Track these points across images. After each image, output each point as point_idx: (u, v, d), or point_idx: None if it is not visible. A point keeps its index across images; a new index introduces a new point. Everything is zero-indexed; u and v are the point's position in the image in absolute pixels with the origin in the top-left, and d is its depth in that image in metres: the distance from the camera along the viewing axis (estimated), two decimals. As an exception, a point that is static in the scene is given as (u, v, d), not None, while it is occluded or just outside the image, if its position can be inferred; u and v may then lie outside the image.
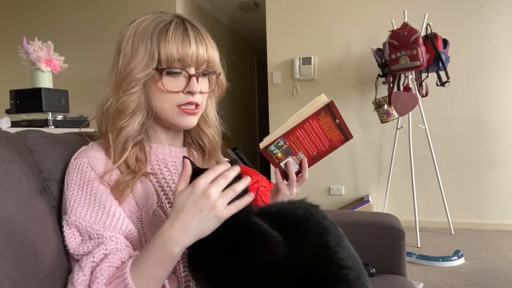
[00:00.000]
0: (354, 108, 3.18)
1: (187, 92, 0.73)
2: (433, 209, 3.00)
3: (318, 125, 0.82)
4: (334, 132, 0.84)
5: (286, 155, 0.83)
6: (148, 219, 0.71)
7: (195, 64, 0.73)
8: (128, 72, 0.71)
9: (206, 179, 0.60)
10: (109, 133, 0.73)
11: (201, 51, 0.72)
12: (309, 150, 0.85)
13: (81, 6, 3.84)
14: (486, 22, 2.88)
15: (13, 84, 2.24)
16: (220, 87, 0.85)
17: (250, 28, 5.11)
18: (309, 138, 0.83)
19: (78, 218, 0.66)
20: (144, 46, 0.70)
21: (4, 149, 0.65)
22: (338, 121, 0.83)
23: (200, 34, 0.74)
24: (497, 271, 2.11)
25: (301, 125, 0.81)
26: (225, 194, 0.60)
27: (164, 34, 0.70)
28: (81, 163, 0.71)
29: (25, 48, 1.95)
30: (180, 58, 0.71)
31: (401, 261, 1.19)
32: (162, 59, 0.70)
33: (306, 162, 0.85)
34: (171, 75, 0.72)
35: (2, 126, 1.91)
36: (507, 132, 2.88)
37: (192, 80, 0.73)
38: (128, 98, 0.71)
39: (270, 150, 0.82)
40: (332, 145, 0.86)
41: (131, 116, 0.73)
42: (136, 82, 0.71)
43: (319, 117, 0.81)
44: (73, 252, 0.65)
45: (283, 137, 0.81)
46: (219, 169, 0.62)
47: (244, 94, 5.22)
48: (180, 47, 0.70)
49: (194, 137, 0.87)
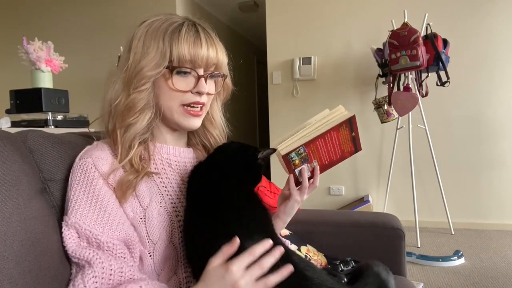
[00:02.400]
0: (354, 108, 3.17)
1: (195, 92, 0.74)
2: (433, 209, 3.00)
3: (337, 137, 0.84)
4: (348, 144, 0.87)
5: (302, 162, 0.84)
6: (151, 219, 0.71)
7: (205, 66, 0.74)
8: (139, 70, 0.71)
9: (240, 265, 0.59)
10: (117, 129, 0.73)
11: (211, 54, 0.74)
12: (323, 159, 0.86)
13: (81, 6, 3.84)
14: (486, 22, 2.88)
15: (13, 84, 2.24)
16: (226, 90, 0.86)
17: (250, 28, 5.11)
18: (326, 148, 0.85)
19: (78, 220, 0.66)
20: (156, 45, 0.71)
21: (4, 149, 0.65)
22: (354, 134, 0.85)
23: (210, 37, 0.75)
24: (497, 271, 2.11)
25: (322, 136, 0.82)
26: (252, 276, 0.59)
27: (177, 34, 0.71)
28: (85, 164, 0.71)
29: (25, 48, 1.95)
30: (191, 59, 0.72)
31: (401, 261, 1.19)
32: (174, 58, 0.71)
33: (319, 170, 0.86)
34: (181, 74, 0.73)
35: (2, 126, 1.91)
36: (507, 132, 2.88)
37: (201, 81, 0.74)
38: (138, 96, 0.72)
39: (290, 157, 0.82)
40: (342, 156, 0.88)
41: (140, 114, 0.73)
42: (147, 79, 0.72)
43: (340, 129, 0.83)
44: (71, 254, 0.65)
45: (305, 145, 0.82)
46: (256, 252, 0.61)
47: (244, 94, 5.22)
48: (192, 48, 0.71)
49: (200, 138, 0.88)
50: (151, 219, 0.71)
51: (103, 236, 0.65)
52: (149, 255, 0.71)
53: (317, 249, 1.26)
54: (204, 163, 0.79)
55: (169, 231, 0.72)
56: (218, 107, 0.87)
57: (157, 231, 0.71)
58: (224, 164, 0.77)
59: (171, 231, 0.72)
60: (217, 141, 0.87)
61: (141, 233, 0.70)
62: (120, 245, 0.66)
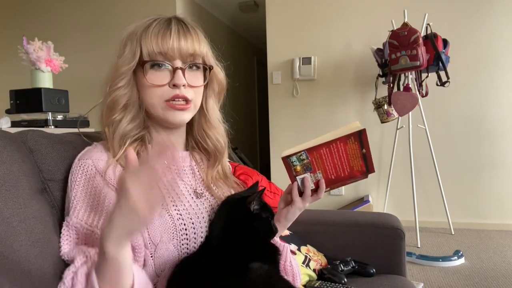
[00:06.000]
0: (354, 108, 3.18)
1: (172, 86, 0.73)
2: (433, 209, 3.00)
3: (344, 149, 0.81)
4: (357, 161, 0.82)
5: (304, 170, 0.82)
6: (153, 221, 0.71)
7: (180, 57, 0.73)
8: (116, 69, 0.74)
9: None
10: (105, 127, 0.75)
11: (183, 44, 0.73)
12: (328, 172, 0.83)
13: (81, 6, 3.84)
14: (486, 22, 2.88)
15: (13, 84, 2.24)
16: (218, 84, 0.84)
17: (250, 28, 5.11)
18: (331, 159, 0.82)
19: (80, 221, 0.66)
20: (130, 45, 0.74)
21: (4, 149, 0.65)
22: (365, 151, 0.81)
23: (185, 27, 0.74)
24: (497, 271, 2.11)
25: (327, 144, 0.80)
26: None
27: (146, 30, 0.73)
28: (86, 164, 0.71)
29: (25, 48, 1.95)
30: (161, 52, 0.72)
31: (401, 261, 1.19)
32: (144, 54, 0.72)
33: (324, 183, 0.83)
34: (155, 68, 0.73)
35: (2, 126, 1.91)
36: (507, 132, 2.88)
37: (177, 73, 0.73)
38: (117, 93, 0.74)
39: (291, 160, 0.81)
40: (351, 174, 0.84)
41: (123, 110, 0.75)
42: (122, 76, 0.73)
43: (348, 141, 0.80)
44: (63, 256, 0.65)
45: (307, 151, 0.80)
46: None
47: (244, 94, 5.22)
48: (160, 40, 0.72)
49: (198, 140, 0.86)
50: (153, 221, 0.71)
51: None
52: (150, 256, 0.71)
53: (317, 249, 1.26)
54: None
55: (170, 232, 0.72)
56: (215, 103, 0.85)
57: (158, 233, 0.70)
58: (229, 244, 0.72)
59: (172, 233, 0.72)
60: (215, 142, 0.85)
61: (143, 235, 0.70)
62: None
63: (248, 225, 0.73)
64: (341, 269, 1.14)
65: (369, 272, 1.15)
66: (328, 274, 1.12)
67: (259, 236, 0.74)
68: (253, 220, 0.73)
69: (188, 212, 0.75)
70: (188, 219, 0.74)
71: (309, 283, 1.07)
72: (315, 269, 1.17)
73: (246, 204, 0.73)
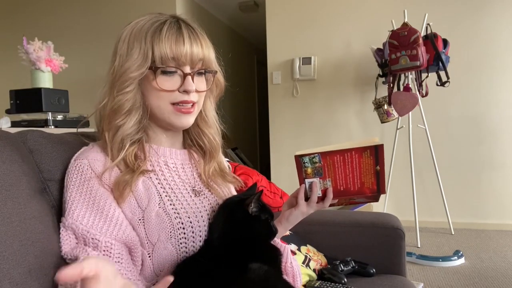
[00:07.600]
0: (354, 108, 3.18)
1: (182, 91, 0.73)
2: (433, 209, 2.99)
3: (358, 161, 0.80)
4: (369, 177, 0.81)
5: (315, 174, 0.81)
6: (150, 220, 0.71)
7: (190, 63, 0.73)
8: (123, 72, 0.71)
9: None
10: (105, 132, 0.73)
11: (195, 50, 0.72)
12: (338, 182, 0.82)
13: (81, 7, 3.84)
14: (486, 22, 2.88)
15: (13, 84, 2.24)
16: (218, 87, 0.84)
17: (250, 28, 5.11)
18: (343, 169, 0.80)
19: (75, 221, 0.66)
20: (138, 46, 0.71)
21: (4, 149, 0.65)
22: (379, 168, 0.80)
23: (194, 32, 0.74)
24: (497, 271, 2.11)
25: (342, 152, 0.79)
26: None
27: (158, 33, 0.71)
28: (81, 164, 0.71)
29: (25, 48, 1.95)
30: (174, 57, 0.71)
31: (401, 261, 1.19)
32: (156, 58, 0.70)
33: (331, 192, 0.82)
34: (166, 74, 0.72)
35: (2, 126, 1.91)
36: (507, 132, 2.88)
37: (187, 79, 0.73)
38: (123, 97, 0.72)
39: (303, 160, 0.80)
40: (361, 190, 0.83)
41: (127, 115, 0.73)
42: (131, 81, 0.71)
43: (363, 154, 0.79)
44: (64, 256, 0.65)
45: (321, 155, 0.79)
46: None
47: (244, 94, 5.22)
48: (174, 45, 0.70)
49: (194, 138, 0.86)
50: (150, 220, 0.71)
51: (101, 236, 0.65)
52: (148, 256, 0.71)
53: (317, 249, 1.26)
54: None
55: (168, 232, 0.72)
56: (211, 104, 0.85)
57: (156, 232, 0.70)
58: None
59: (169, 232, 0.72)
60: (211, 141, 0.85)
61: (140, 234, 0.70)
62: (117, 245, 0.66)
63: (247, 228, 0.73)
64: (341, 269, 1.14)
65: (369, 272, 1.15)
66: (328, 274, 1.12)
67: (259, 237, 0.74)
68: (252, 222, 0.73)
69: (186, 210, 0.75)
70: (186, 217, 0.74)
71: (309, 283, 1.07)
72: (315, 269, 1.17)
73: (244, 207, 0.73)
